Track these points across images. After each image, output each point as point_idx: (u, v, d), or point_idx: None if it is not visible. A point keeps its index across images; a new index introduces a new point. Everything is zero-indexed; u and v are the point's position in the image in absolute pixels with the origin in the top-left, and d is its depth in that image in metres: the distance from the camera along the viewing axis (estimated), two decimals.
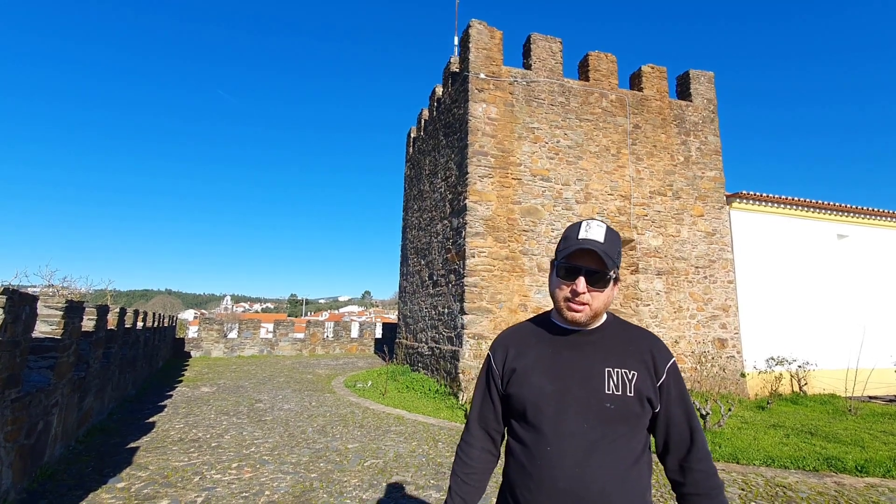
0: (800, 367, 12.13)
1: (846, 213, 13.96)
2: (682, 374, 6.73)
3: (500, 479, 1.47)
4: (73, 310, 5.25)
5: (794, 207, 13.43)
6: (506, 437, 1.50)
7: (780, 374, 11.79)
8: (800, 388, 12.06)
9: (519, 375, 1.39)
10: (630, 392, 1.31)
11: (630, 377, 1.32)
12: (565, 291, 1.36)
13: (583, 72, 12.55)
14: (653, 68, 12.96)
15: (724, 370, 10.69)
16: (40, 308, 4.89)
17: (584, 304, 1.34)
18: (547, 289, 9.06)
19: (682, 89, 13.56)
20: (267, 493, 4.41)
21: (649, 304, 11.50)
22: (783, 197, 13.20)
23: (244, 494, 4.35)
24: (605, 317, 1.44)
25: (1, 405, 3.73)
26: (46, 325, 5.06)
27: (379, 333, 23.34)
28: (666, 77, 13.03)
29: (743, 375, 11.92)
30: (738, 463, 5.56)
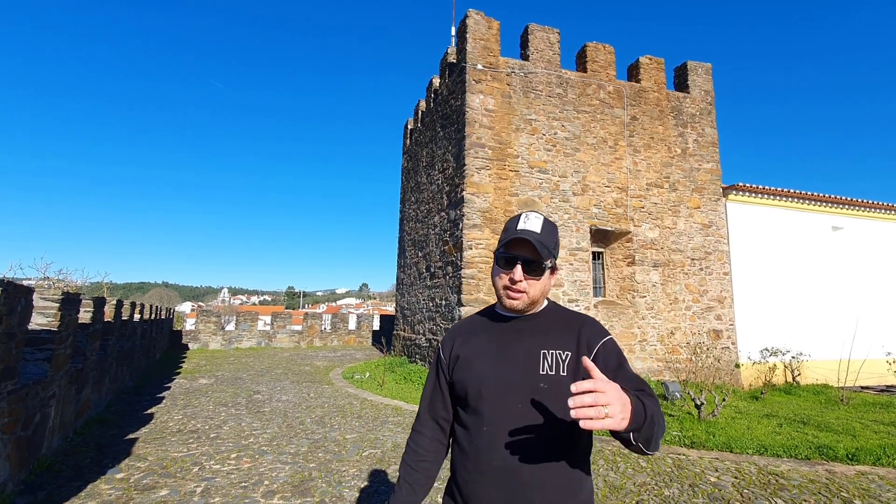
0: (793, 357, 12.25)
1: (841, 206, 14.02)
2: (678, 366, 6.67)
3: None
4: (70, 302, 5.25)
5: (790, 200, 13.48)
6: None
7: (774, 365, 11.91)
8: (793, 378, 12.18)
9: (463, 362, 1.46)
10: (563, 371, 1.35)
11: (563, 357, 1.37)
12: (504, 280, 1.42)
13: (580, 63, 12.49)
14: (651, 59, 12.91)
15: (718, 361, 10.78)
16: (36, 300, 4.88)
17: (521, 291, 1.40)
18: None
19: (680, 81, 13.53)
20: (266, 482, 4.45)
21: (645, 296, 11.56)
22: (779, 189, 13.24)
23: (243, 484, 4.38)
24: (544, 303, 1.50)
25: None
26: (43, 317, 5.06)
27: (376, 325, 23.39)
28: (664, 69, 12.99)
29: (738, 366, 12.03)
30: (731, 452, 5.64)
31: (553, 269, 1.45)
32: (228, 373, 12.13)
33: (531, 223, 1.42)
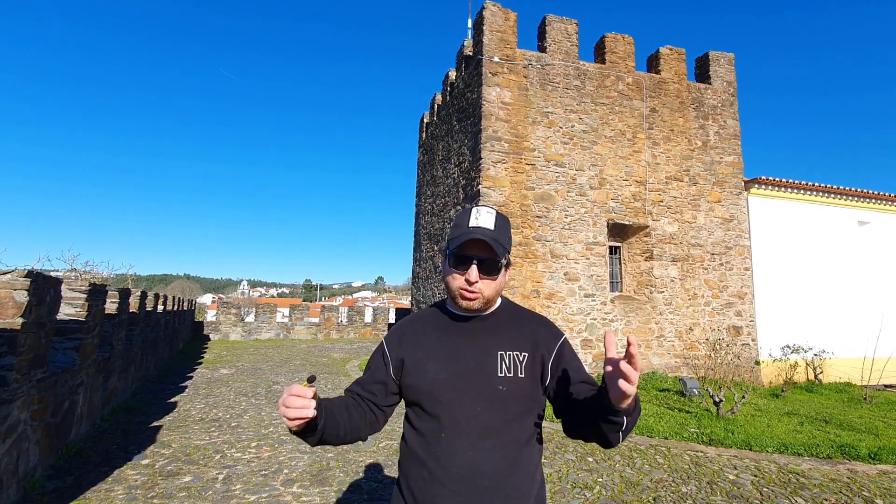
0: (815, 355, 11.98)
1: (868, 200, 13.60)
2: (696, 362, 6.63)
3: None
4: (97, 293, 5.41)
5: (815, 193, 13.12)
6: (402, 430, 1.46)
7: (796, 362, 11.66)
8: (815, 376, 11.93)
9: (415, 365, 1.37)
10: (521, 373, 1.34)
11: (521, 359, 1.35)
12: (459, 280, 1.35)
13: (599, 54, 12.30)
14: (671, 50, 12.65)
15: (738, 358, 10.62)
16: (64, 291, 5.04)
17: (477, 292, 1.34)
18: (560, 274, 9.03)
19: (701, 72, 13.23)
20: (286, 471, 4.55)
21: (663, 291, 11.42)
22: (803, 182, 12.90)
23: (263, 472, 4.49)
24: (498, 302, 1.46)
25: (27, 385, 3.88)
26: (71, 308, 5.22)
27: (392, 319, 23.55)
28: (684, 59, 12.71)
29: (757, 363, 11.82)
30: (751, 450, 5.56)
31: (508, 265, 1.39)
32: (248, 363, 12.37)
33: (483, 219, 1.34)
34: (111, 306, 6.45)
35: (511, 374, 1.33)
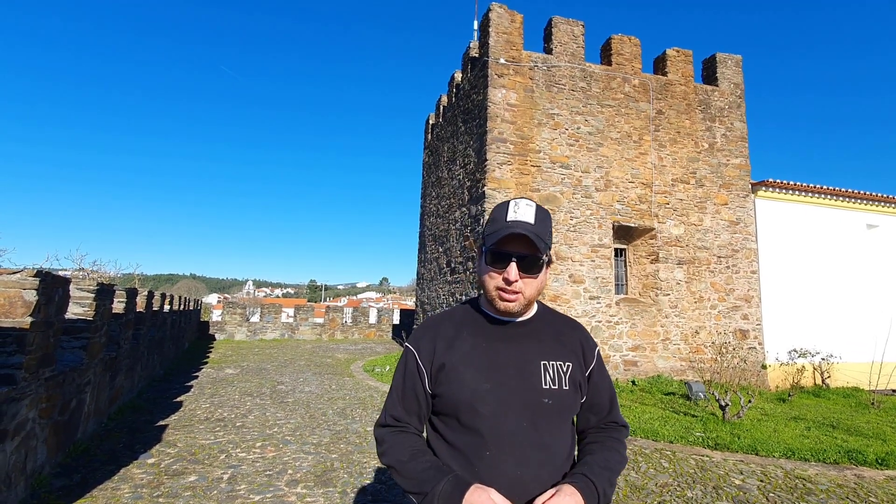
0: (823, 359, 11.88)
1: (876, 203, 13.49)
2: (702, 366, 6.70)
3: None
4: (104, 292, 5.45)
5: (823, 196, 13.02)
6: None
7: (803, 367, 11.57)
8: (822, 380, 11.83)
9: (449, 373, 1.25)
10: (566, 385, 1.27)
11: (565, 370, 1.28)
12: (497, 279, 1.24)
13: (605, 56, 12.28)
14: (678, 52, 12.61)
15: (744, 361, 10.54)
16: (72, 290, 5.09)
17: (517, 292, 1.23)
18: (565, 276, 9.03)
19: (708, 73, 13.17)
20: (290, 471, 4.56)
21: (669, 294, 11.36)
22: (811, 185, 12.80)
23: (268, 473, 4.51)
24: (535, 306, 1.36)
25: (35, 383, 3.91)
26: (79, 307, 5.27)
27: (396, 320, 23.58)
28: (691, 61, 12.67)
29: (764, 367, 11.74)
30: (757, 455, 5.52)
31: (549, 263, 1.28)
32: (253, 363, 12.42)
33: (523, 212, 1.23)
34: (118, 306, 6.50)
35: (556, 387, 1.25)
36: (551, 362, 1.27)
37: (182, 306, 14.01)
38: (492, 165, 10.61)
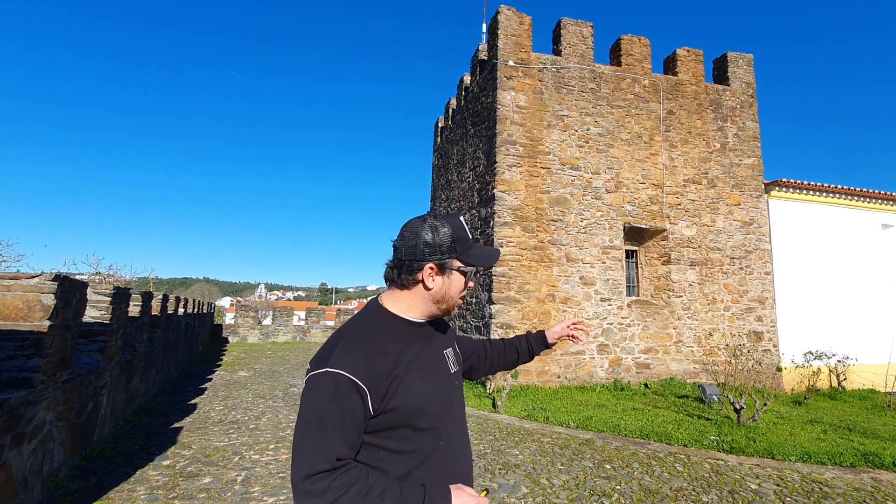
0: (839, 361, 11.68)
1: (892, 202, 13.26)
2: (716, 368, 6.68)
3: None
4: (120, 296, 5.54)
5: (837, 196, 12.83)
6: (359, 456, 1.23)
7: (819, 369, 11.39)
8: (838, 382, 11.62)
9: (400, 385, 1.23)
10: (457, 366, 1.49)
11: (455, 352, 1.51)
12: (464, 290, 1.40)
13: (615, 56, 12.22)
14: (688, 51, 12.51)
15: (759, 364, 10.39)
16: (90, 294, 5.18)
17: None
18: (576, 278, 8.97)
19: (720, 73, 13.05)
20: None
21: (681, 296, 11.25)
22: (825, 185, 12.61)
23: (281, 475, 4.54)
24: None
25: (53, 386, 3.98)
26: (95, 311, 5.36)
27: None
28: (702, 60, 12.56)
29: (779, 369, 11.56)
30: (773, 458, 5.44)
31: None
32: (266, 366, 12.52)
33: (469, 229, 1.48)
34: (134, 309, 6.60)
35: (457, 369, 1.48)
36: (448, 350, 1.47)
37: (196, 309, 14.17)
38: (501, 168, 10.60)
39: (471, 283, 1.40)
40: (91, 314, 5.26)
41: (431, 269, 1.34)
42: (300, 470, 1.11)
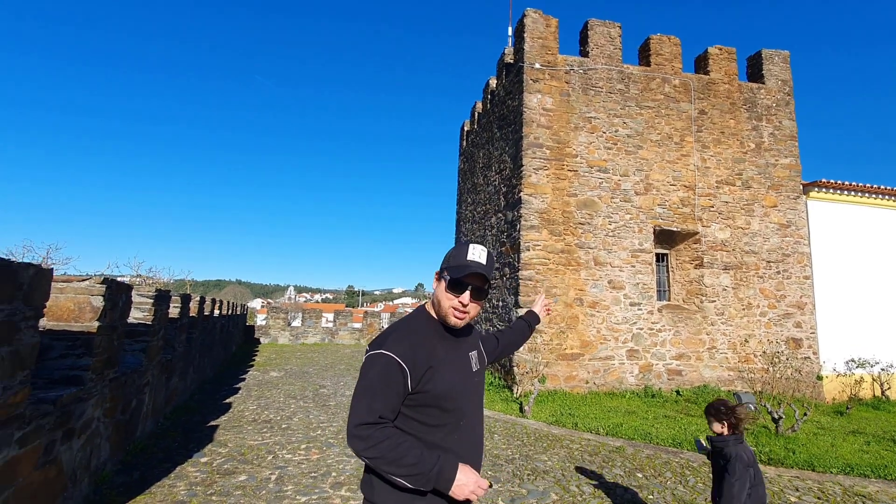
0: (883, 369, 11.16)
1: None
2: (752, 376, 6.52)
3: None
4: (162, 298, 5.78)
5: (881, 197, 12.26)
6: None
7: (861, 377, 10.88)
8: (882, 392, 11.09)
9: (434, 372, 1.59)
10: (480, 365, 1.84)
11: (479, 355, 1.85)
12: (453, 301, 1.65)
13: (643, 57, 12.03)
14: (720, 49, 12.20)
15: (798, 372, 10.00)
16: (134, 296, 5.42)
17: (466, 313, 1.67)
18: (604, 282, 8.88)
19: (754, 71, 12.67)
20: (333, 474, 4.68)
21: (715, 301, 10.95)
22: (868, 185, 12.08)
23: (313, 475, 4.65)
24: None
25: (101, 384, 4.19)
26: (139, 312, 5.60)
27: None
28: (735, 59, 12.23)
29: (819, 378, 11.10)
30: (813, 470, 5.25)
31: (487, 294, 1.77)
32: (296, 367, 12.79)
33: (478, 255, 1.67)
34: (174, 311, 6.86)
35: (478, 368, 1.81)
36: (473, 352, 1.81)
37: (230, 311, 14.60)
38: (528, 171, 10.56)
39: (463, 298, 1.65)
40: (135, 315, 5.50)
41: (435, 276, 1.76)
42: (353, 419, 1.51)
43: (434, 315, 1.73)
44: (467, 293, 1.64)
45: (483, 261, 1.67)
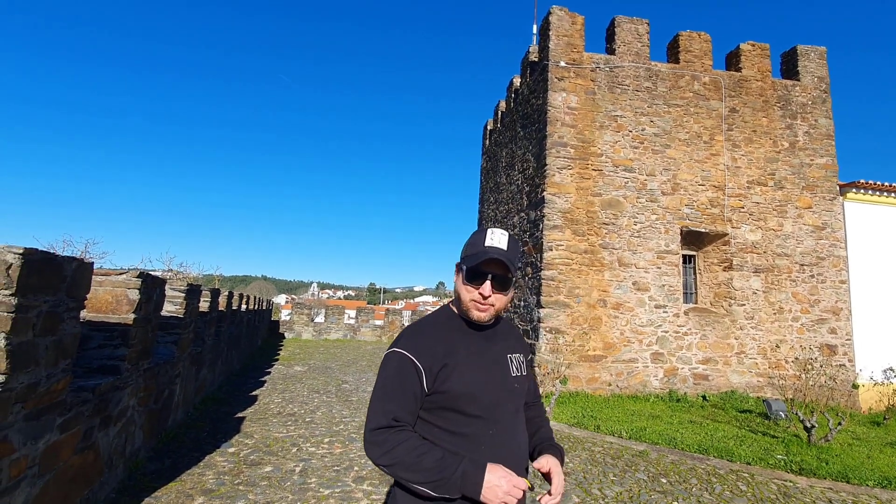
0: None
1: None
2: (783, 383, 6.35)
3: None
4: (193, 292, 5.95)
5: None
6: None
7: None
8: None
9: (452, 371, 1.44)
10: (524, 371, 1.62)
11: (522, 359, 1.63)
12: (473, 293, 1.48)
13: (672, 54, 11.78)
14: (753, 46, 11.85)
15: (833, 380, 9.64)
16: (167, 290, 5.60)
17: (490, 305, 1.48)
18: (629, 283, 8.76)
19: (788, 68, 12.27)
20: (356, 468, 4.76)
21: (744, 304, 10.65)
22: None
23: (336, 468, 4.73)
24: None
25: (136, 374, 4.35)
26: (171, 305, 5.79)
27: None
28: (768, 55, 11.86)
29: (855, 387, 10.68)
30: (848, 482, 5.06)
31: (515, 282, 1.57)
32: (319, 362, 13.00)
33: (498, 240, 1.47)
34: (203, 304, 7.06)
35: (519, 374, 1.59)
36: (514, 355, 1.60)
37: (256, 306, 14.93)
38: (551, 170, 10.47)
39: (483, 289, 1.46)
40: (167, 308, 5.69)
41: (455, 268, 1.57)
42: (368, 424, 1.41)
43: (457, 311, 1.57)
44: (488, 283, 1.44)
45: (503, 246, 1.46)
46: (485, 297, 1.46)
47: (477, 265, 1.45)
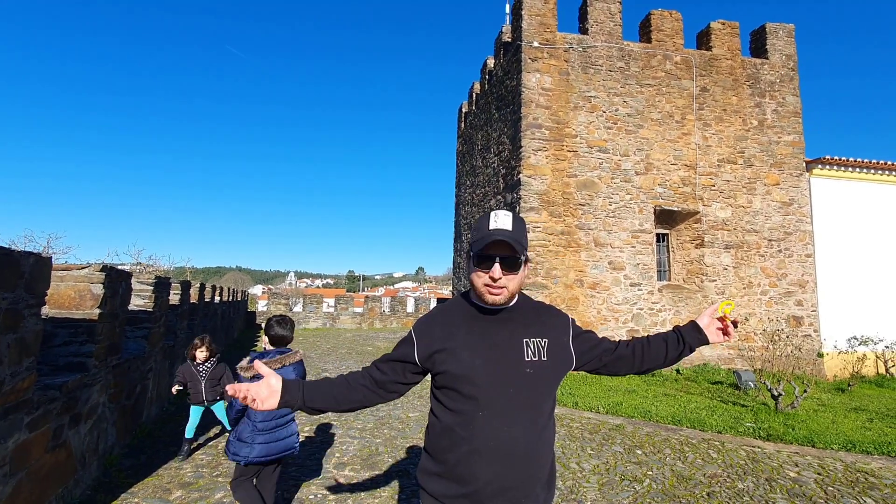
0: (886, 347, 11.19)
1: None
2: (752, 354, 6.54)
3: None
4: (162, 285, 5.78)
5: (885, 173, 12.16)
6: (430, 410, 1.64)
7: (864, 355, 10.92)
8: (886, 369, 11.16)
9: (448, 354, 1.51)
10: (545, 357, 1.53)
11: (543, 344, 1.55)
12: (484, 278, 1.48)
13: (644, 33, 11.82)
14: (723, 24, 11.97)
15: (799, 350, 10.05)
16: (134, 284, 5.42)
17: (502, 287, 1.48)
18: (605, 263, 8.85)
19: (757, 46, 12.46)
20: (337, 455, 4.74)
21: (715, 280, 10.95)
22: (872, 161, 11.97)
23: (317, 456, 4.70)
24: (517, 296, 1.60)
25: (105, 370, 4.22)
26: (140, 299, 5.62)
27: None
28: (738, 33, 12.01)
29: (820, 355, 11.17)
30: (813, 447, 5.29)
31: (526, 262, 1.54)
32: None
33: (503, 221, 1.48)
34: (174, 297, 6.87)
35: (536, 359, 1.52)
36: (532, 339, 1.55)
37: (230, 297, 14.65)
38: (527, 152, 10.47)
39: (493, 272, 1.46)
40: (136, 303, 5.52)
41: (465, 257, 1.61)
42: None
43: (471, 299, 1.59)
44: (496, 266, 1.45)
45: (507, 226, 1.47)
46: (495, 280, 1.46)
47: (483, 249, 1.47)
